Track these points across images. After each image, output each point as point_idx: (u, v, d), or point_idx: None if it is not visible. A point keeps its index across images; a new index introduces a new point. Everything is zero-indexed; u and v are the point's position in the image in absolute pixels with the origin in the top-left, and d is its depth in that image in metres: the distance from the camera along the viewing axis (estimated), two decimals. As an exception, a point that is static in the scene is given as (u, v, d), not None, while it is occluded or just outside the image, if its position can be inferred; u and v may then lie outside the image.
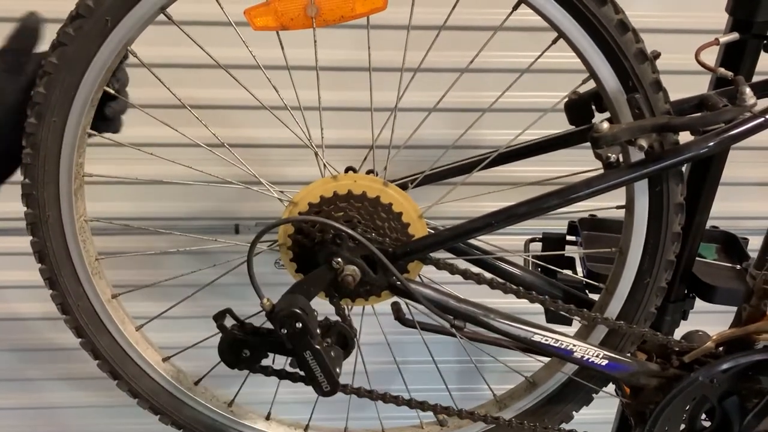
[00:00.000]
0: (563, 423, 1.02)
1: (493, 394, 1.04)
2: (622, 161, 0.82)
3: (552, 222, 1.10)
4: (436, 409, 0.95)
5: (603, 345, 0.94)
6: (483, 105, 0.93)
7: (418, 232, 0.86)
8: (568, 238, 1.16)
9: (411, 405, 0.94)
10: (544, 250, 1.14)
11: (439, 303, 0.86)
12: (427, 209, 0.88)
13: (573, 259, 1.13)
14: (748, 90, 0.76)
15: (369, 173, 0.90)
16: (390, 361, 1.11)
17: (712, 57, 0.90)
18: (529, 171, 1.12)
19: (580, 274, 1.07)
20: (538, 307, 0.92)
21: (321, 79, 0.84)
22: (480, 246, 1.03)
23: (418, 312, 0.92)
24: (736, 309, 0.99)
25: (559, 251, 1.13)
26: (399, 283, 0.83)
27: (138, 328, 0.95)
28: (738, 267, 1.06)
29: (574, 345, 0.89)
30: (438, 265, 0.86)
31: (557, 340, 0.88)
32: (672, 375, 0.93)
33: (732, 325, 0.96)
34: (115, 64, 0.78)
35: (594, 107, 0.95)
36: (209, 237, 1.01)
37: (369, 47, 0.84)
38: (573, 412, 1.01)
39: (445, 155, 0.97)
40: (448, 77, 0.87)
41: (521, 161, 1.03)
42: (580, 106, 0.96)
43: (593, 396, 1.00)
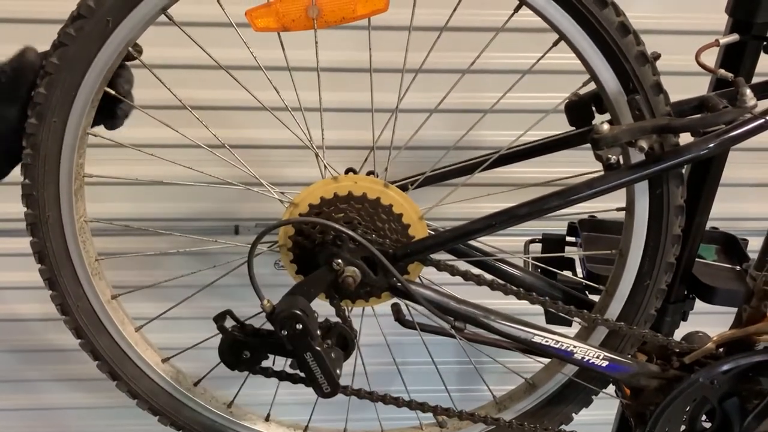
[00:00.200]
0: (563, 424, 1.02)
1: (493, 395, 1.04)
2: (622, 162, 0.82)
3: (552, 223, 1.10)
4: (436, 411, 0.95)
5: (603, 346, 0.94)
6: (484, 106, 0.93)
7: (418, 233, 0.86)
8: (567, 239, 1.16)
9: (411, 406, 0.94)
10: (543, 251, 1.14)
11: (440, 304, 0.86)
12: (428, 210, 0.88)
13: (573, 260, 1.13)
14: (748, 91, 0.76)
15: (369, 174, 0.90)
16: (389, 363, 1.10)
17: (711, 58, 0.90)
18: (530, 172, 1.12)
19: (579, 275, 1.07)
20: (538, 308, 0.92)
21: (322, 80, 0.84)
22: (480, 247, 1.03)
23: (417, 313, 0.92)
24: (735, 310, 0.99)
25: (559, 252, 1.13)
26: (399, 285, 0.83)
27: (138, 329, 0.95)
28: (738, 268, 1.06)
29: (574, 346, 0.89)
30: (438, 267, 0.86)
31: (557, 341, 0.88)
32: (672, 376, 0.93)
33: (732, 327, 0.96)
34: (116, 64, 0.78)
35: (594, 109, 0.95)
36: (209, 238, 1.00)
37: (370, 48, 0.84)
38: (572, 413, 1.01)
39: (446, 156, 0.97)
40: (449, 78, 0.87)
41: (522, 162, 1.03)
42: (580, 107, 0.96)
43: (593, 398, 1.00)
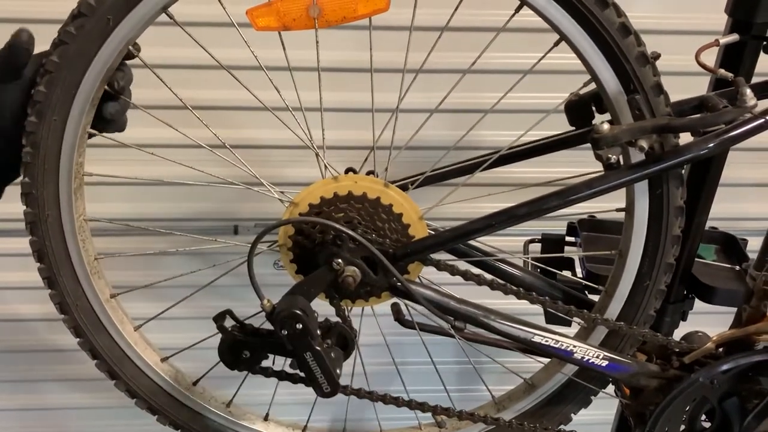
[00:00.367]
0: (562, 424, 1.02)
1: (492, 395, 1.04)
2: (622, 162, 0.82)
3: (551, 223, 1.10)
4: (436, 411, 0.95)
5: (603, 346, 0.94)
6: (484, 106, 0.93)
7: (418, 233, 0.86)
8: (567, 239, 1.16)
9: (411, 406, 0.94)
10: (543, 251, 1.14)
11: (439, 304, 0.86)
12: (428, 210, 0.88)
13: (572, 260, 1.13)
14: (748, 91, 0.76)
15: (370, 174, 0.90)
16: (389, 362, 1.10)
17: (711, 58, 0.90)
18: (530, 172, 1.12)
19: (579, 275, 1.07)
20: (537, 308, 0.92)
21: (323, 80, 0.84)
22: (480, 247, 1.03)
23: (417, 313, 0.92)
24: (734, 310, 0.99)
25: (559, 252, 1.13)
26: (399, 284, 0.83)
27: (137, 328, 0.95)
28: (737, 268, 1.06)
29: (574, 346, 0.89)
30: (438, 267, 0.86)
31: (557, 341, 0.88)
32: (672, 376, 0.93)
33: (732, 326, 0.96)
34: (117, 63, 0.78)
35: (594, 108, 0.95)
36: (209, 237, 1.00)
37: (371, 48, 0.84)
38: (572, 413, 1.01)
39: (446, 156, 0.97)
40: (449, 78, 0.87)
41: (522, 162, 1.03)
42: (580, 107, 0.96)
43: (592, 398, 1.00)
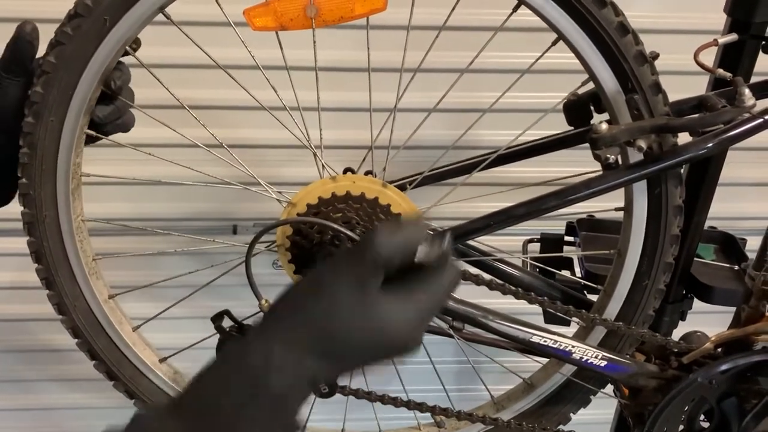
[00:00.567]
0: (561, 424, 1.01)
1: (491, 395, 1.03)
2: (620, 162, 0.82)
3: (550, 222, 1.10)
4: (435, 411, 0.95)
5: (602, 346, 0.94)
6: (482, 106, 0.92)
7: (417, 233, 0.86)
8: (566, 238, 1.16)
9: (409, 406, 0.93)
10: (542, 251, 1.14)
11: (438, 304, 0.85)
12: (426, 210, 0.87)
13: (571, 260, 1.13)
14: (747, 91, 0.76)
15: (368, 174, 0.90)
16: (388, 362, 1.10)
17: (710, 58, 0.90)
18: (529, 172, 1.12)
19: (578, 274, 1.07)
20: (536, 308, 0.92)
21: (320, 80, 0.84)
22: (478, 247, 1.03)
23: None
24: (733, 309, 0.99)
25: (557, 252, 1.13)
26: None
27: (135, 328, 0.95)
28: (736, 268, 1.06)
29: (572, 346, 0.89)
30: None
31: (556, 341, 0.88)
32: (671, 376, 0.93)
33: (731, 326, 0.96)
34: (114, 63, 0.77)
35: (593, 108, 0.95)
36: (207, 238, 1.00)
37: (368, 48, 0.84)
38: (571, 413, 1.01)
39: (445, 156, 0.97)
40: (447, 78, 0.87)
41: (520, 162, 1.03)
42: (578, 107, 0.96)
43: (591, 398, 1.00)
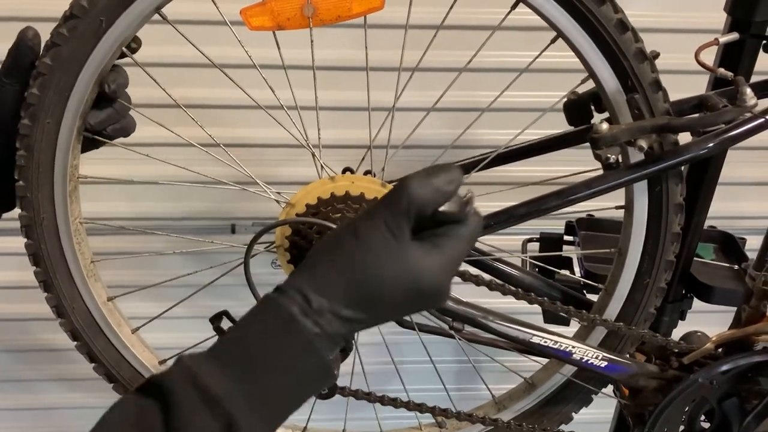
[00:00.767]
0: (563, 423, 1.01)
1: (492, 395, 1.03)
2: (621, 162, 0.81)
3: (549, 222, 1.09)
4: (434, 411, 0.94)
5: (602, 346, 0.94)
6: (481, 105, 0.92)
7: (416, 233, 0.85)
8: (565, 238, 1.15)
9: (409, 407, 0.93)
10: (541, 250, 1.14)
11: (438, 305, 0.85)
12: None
13: (570, 260, 1.12)
14: (748, 90, 0.76)
15: (367, 174, 0.89)
16: (387, 362, 1.10)
17: (710, 57, 0.90)
18: (528, 171, 1.12)
19: (577, 274, 1.07)
20: (535, 307, 0.91)
21: (318, 79, 0.83)
22: (478, 246, 1.02)
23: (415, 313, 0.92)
24: (732, 309, 0.99)
25: (557, 251, 1.13)
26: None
27: (134, 330, 0.94)
28: (736, 267, 1.06)
29: (573, 346, 0.88)
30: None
31: (556, 341, 0.87)
32: (671, 376, 0.93)
33: (731, 327, 0.95)
34: (110, 64, 0.77)
35: (593, 107, 0.94)
36: (206, 238, 1.00)
37: (366, 47, 0.83)
38: (572, 413, 1.01)
39: (444, 155, 0.97)
40: (446, 77, 0.86)
41: (520, 161, 1.02)
42: (579, 106, 0.95)
43: (593, 397, 1.00)
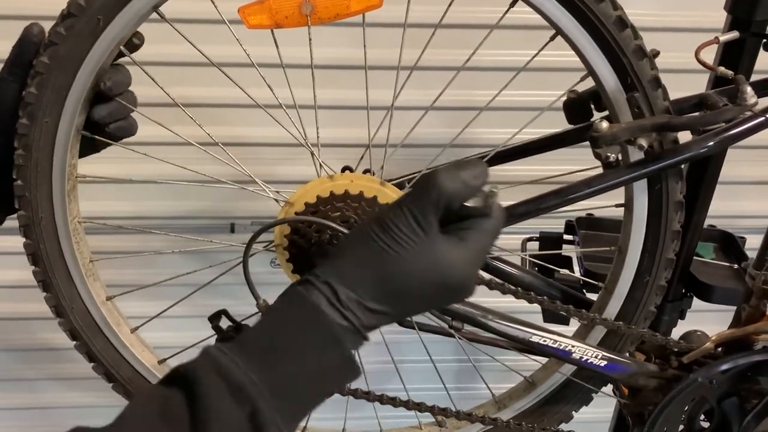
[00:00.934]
0: (563, 422, 1.01)
1: (492, 394, 1.03)
2: (621, 160, 0.81)
3: (549, 221, 1.09)
4: (434, 410, 0.94)
5: (602, 345, 0.94)
6: (480, 103, 0.92)
7: (415, 232, 0.85)
8: (565, 237, 1.15)
9: (408, 406, 0.93)
10: (541, 249, 1.14)
11: (437, 304, 0.85)
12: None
13: (570, 258, 1.12)
14: (749, 89, 0.75)
15: (366, 173, 0.89)
16: (387, 361, 1.10)
17: (710, 56, 0.90)
18: (527, 170, 1.11)
19: (577, 273, 1.07)
20: (534, 307, 0.91)
21: (316, 78, 0.83)
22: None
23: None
24: (731, 308, 0.98)
25: (556, 250, 1.12)
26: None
27: (133, 330, 0.94)
28: (735, 266, 1.06)
29: (572, 346, 0.88)
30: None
31: (556, 341, 0.87)
32: (671, 376, 0.93)
33: (731, 326, 0.95)
34: (108, 63, 0.77)
35: (593, 106, 0.94)
36: (205, 237, 1.00)
37: (365, 45, 0.83)
38: (573, 412, 1.01)
39: (442, 154, 0.96)
40: (444, 75, 0.86)
41: (519, 160, 1.02)
42: (578, 105, 0.95)
43: (592, 396, 1.00)
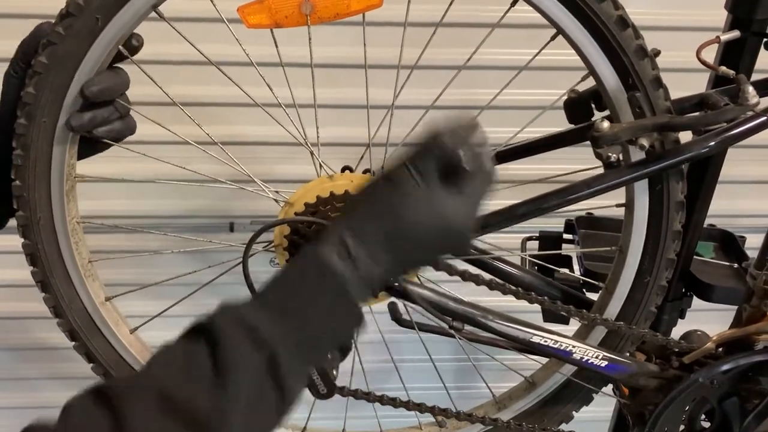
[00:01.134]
0: (564, 422, 1.01)
1: (493, 394, 1.03)
2: (622, 160, 0.81)
3: (549, 220, 1.09)
4: (434, 410, 0.94)
5: (602, 345, 0.93)
6: (481, 103, 0.91)
7: (415, 232, 0.85)
8: (565, 236, 1.15)
9: (408, 407, 0.93)
10: (540, 248, 1.13)
11: (437, 304, 0.85)
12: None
13: (570, 258, 1.12)
14: (750, 89, 0.75)
15: (366, 173, 0.89)
16: (387, 360, 1.10)
17: (711, 55, 0.89)
18: (528, 170, 1.11)
19: (577, 272, 1.06)
20: (534, 307, 0.91)
21: (316, 77, 0.83)
22: (477, 245, 1.02)
23: (415, 311, 0.91)
24: (731, 307, 0.98)
25: (556, 250, 1.12)
26: (396, 284, 0.82)
27: (132, 330, 0.94)
28: (736, 266, 1.06)
29: (573, 346, 0.88)
30: (436, 266, 0.84)
31: (556, 341, 0.87)
32: (671, 376, 0.93)
33: (732, 326, 0.95)
34: (107, 63, 0.76)
35: (593, 105, 0.94)
36: (204, 237, 1.00)
37: (365, 44, 0.83)
38: (573, 412, 1.01)
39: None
40: (445, 74, 0.86)
41: (519, 160, 1.02)
42: (579, 104, 0.94)
43: (593, 396, 1.00)
